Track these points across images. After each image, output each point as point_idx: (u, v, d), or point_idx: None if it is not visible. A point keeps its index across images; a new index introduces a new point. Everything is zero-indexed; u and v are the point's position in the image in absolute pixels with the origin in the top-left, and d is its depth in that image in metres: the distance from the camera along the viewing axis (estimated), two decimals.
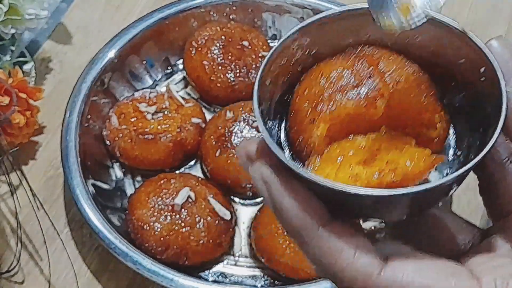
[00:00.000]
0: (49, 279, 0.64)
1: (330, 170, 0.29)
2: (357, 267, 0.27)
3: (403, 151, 0.30)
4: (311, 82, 0.32)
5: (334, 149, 0.30)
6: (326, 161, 0.30)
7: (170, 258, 0.60)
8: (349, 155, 0.30)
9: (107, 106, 0.70)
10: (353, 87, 0.31)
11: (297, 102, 0.32)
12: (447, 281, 0.27)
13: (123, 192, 0.68)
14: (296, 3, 0.75)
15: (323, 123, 0.30)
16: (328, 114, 0.30)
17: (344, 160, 0.30)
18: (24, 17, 0.69)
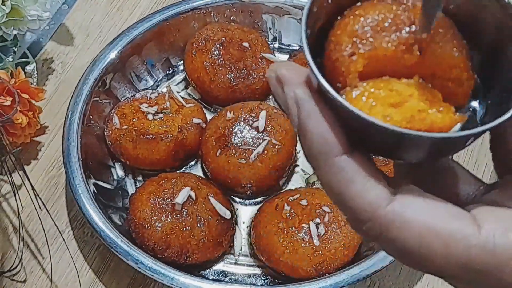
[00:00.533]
0: (50, 277, 0.64)
1: (363, 104, 0.30)
2: (366, 198, 0.28)
3: (433, 103, 0.31)
4: (354, 19, 0.32)
5: (370, 86, 0.31)
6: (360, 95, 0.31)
7: (171, 257, 0.61)
8: (382, 95, 0.31)
9: (109, 107, 0.71)
10: (394, 30, 0.32)
11: (338, 34, 0.32)
12: (449, 223, 0.28)
13: (125, 191, 0.68)
14: (295, 4, 0.75)
15: (362, 59, 0.31)
16: (368, 51, 0.31)
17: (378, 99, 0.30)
18: (26, 18, 0.70)
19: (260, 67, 0.72)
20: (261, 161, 0.64)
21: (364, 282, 0.64)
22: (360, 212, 0.28)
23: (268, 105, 0.69)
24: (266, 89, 0.73)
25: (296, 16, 0.76)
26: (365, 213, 0.28)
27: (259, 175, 0.64)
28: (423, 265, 0.28)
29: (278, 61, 0.74)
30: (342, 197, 0.29)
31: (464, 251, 0.27)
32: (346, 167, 0.29)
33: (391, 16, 0.32)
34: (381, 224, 0.28)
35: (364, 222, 0.28)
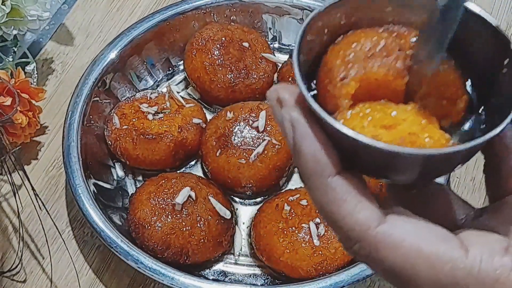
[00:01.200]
0: (50, 278, 0.64)
1: (356, 124, 0.31)
2: (357, 218, 0.29)
3: (426, 129, 0.31)
4: (347, 44, 0.34)
5: (366, 107, 0.32)
6: (353, 117, 0.32)
7: (171, 257, 0.61)
8: (376, 117, 0.32)
9: (109, 107, 0.71)
10: (386, 56, 0.33)
11: (330, 59, 0.34)
12: (437, 246, 0.28)
13: (125, 191, 0.68)
14: (295, 4, 0.75)
15: (354, 82, 0.32)
16: (359, 75, 0.32)
17: (371, 121, 0.32)
18: (26, 18, 0.70)
19: (260, 67, 0.72)
20: (261, 161, 0.64)
21: (364, 282, 0.64)
22: (351, 231, 0.29)
23: (268, 105, 0.69)
24: (266, 89, 0.73)
25: (296, 16, 0.76)
26: (355, 233, 0.29)
27: (259, 175, 0.64)
28: (409, 287, 0.29)
29: (278, 61, 0.74)
30: (334, 217, 0.29)
31: (450, 274, 0.28)
32: (338, 187, 0.29)
33: (383, 42, 0.33)
34: (370, 244, 0.29)
35: (355, 242, 0.29)
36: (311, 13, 0.33)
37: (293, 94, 0.31)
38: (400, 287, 0.29)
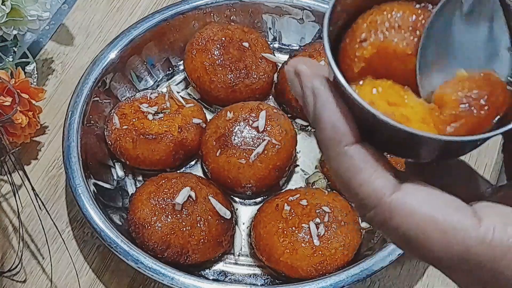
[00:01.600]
0: (50, 278, 0.64)
1: (365, 95, 0.31)
2: (372, 186, 0.29)
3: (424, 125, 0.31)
4: (378, 12, 0.34)
5: (378, 83, 0.32)
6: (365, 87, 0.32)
7: (171, 257, 0.61)
8: (388, 93, 0.32)
9: (109, 107, 0.71)
10: (411, 31, 0.32)
11: (359, 22, 0.33)
12: (450, 214, 0.29)
13: (125, 191, 0.68)
14: (295, 4, 0.75)
15: (371, 46, 0.32)
16: (378, 41, 0.32)
17: (381, 94, 0.32)
18: (26, 18, 0.70)
19: (260, 67, 0.72)
20: (261, 161, 0.64)
21: (364, 282, 0.64)
22: (366, 199, 0.30)
23: (268, 105, 0.69)
24: (266, 89, 0.73)
25: (296, 16, 0.76)
26: (370, 200, 0.29)
27: (259, 175, 0.64)
28: (422, 254, 0.29)
29: (278, 61, 0.74)
30: (350, 184, 0.30)
31: (463, 242, 0.28)
32: (355, 156, 0.30)
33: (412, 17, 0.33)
34: (384, 211, 0.29)
35: (369, 209, 0.30)
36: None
37: (315, 66, 0.32)
38: (413, 254, 0.30)
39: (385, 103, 0.31)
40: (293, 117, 0.72)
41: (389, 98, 0.31)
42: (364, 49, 0.32)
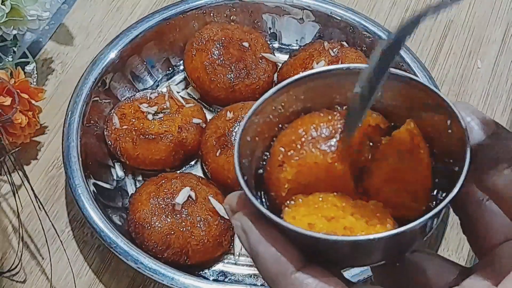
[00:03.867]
0: (50, 278, 0.64)
1: (296, 216, 0.31)
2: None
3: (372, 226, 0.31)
4: (290, 131, 0.33)
5: (309, 200, 0.32)
6: (296, 207, 0.32)
7: (171, 257, 0.61)
8: (323, 209, 0.31)
9: (109, 107, 0.71)
10: (325, 139, 0.32)
11: (274, 146, 0.33)
12: None
13: (124, 191, 0.68)
14: (295, 4, 0.75)
15: (290, 167, 0.32)
16: (296, 160, 0.32)
17: (312, 211, 0.31)
18: (26, 18, 0.70)
19: (260, 67, 0.72)
20: None
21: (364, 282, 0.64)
22: None
23: None
24: (266, 89, 0.73)
25: (296, 16, 0.76)
26: None
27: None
28: None
29: (278, 61, 0.73)
30: None
31: None
32: (303, 282, 0.29)
33: (325, 126, 0.32)
34: None
35: None
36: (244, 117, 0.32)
37: (241, 200, 0.31)
38: None
39: (324, 220, 0.31)
40: None
41: (325, 213, 0.31)
42: (285, 171, 0.32)
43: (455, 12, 0.83)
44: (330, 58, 0.69)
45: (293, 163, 0.32)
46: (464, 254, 0.66)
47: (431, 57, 0.79)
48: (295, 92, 0.34)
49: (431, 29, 0.81)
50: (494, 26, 0.82)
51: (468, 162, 0.29)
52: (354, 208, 0.31)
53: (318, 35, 0.76)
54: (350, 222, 0.31)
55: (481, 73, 0.78)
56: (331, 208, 0.31)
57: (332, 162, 0.32)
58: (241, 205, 0.31)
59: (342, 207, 0.31)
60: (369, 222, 0.31)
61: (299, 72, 0.69)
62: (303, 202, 0.32)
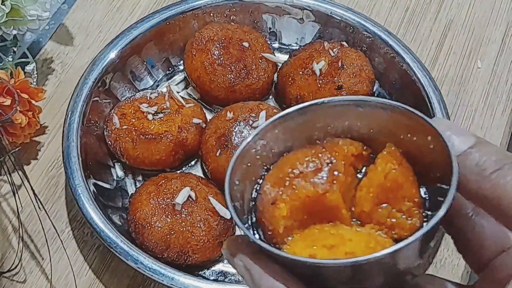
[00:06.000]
0: (50, 278, 0.64)
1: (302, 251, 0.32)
2: None
3: (372, 249, 0.31)
4: (277, 169, 0.34)
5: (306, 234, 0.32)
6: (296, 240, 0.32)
7: (171, 257, 0.61)
8: (318, 237, 0.32)
9: (109, 107, 0.71)
10: (313, 172, 0.33)
11: (263, 187, 0.34)
12: None
13: (124, 191, 0.68)
14: (295, 4, 0.75)
15: (284, 204, 0.32)
16: (288, 195, 0.32)
17: (312, 241, 0.32)
18: (26, 18, 0.70)
19: (260, 67, 0.72)
20: None
21: None
22: None
23: (268, 105, 0.69)
24: (266, 89, 0.73)
25: (296, 16, 0.76)
26: None
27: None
28: None
29: (278, 61, 0.73)
30: None
31: None
32: None
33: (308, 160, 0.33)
34: None
35: None
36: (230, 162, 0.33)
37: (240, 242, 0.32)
38: None
39: (325, 250, 0.31)
40: None
41: (325, 242, 0.31)
42: (279, 209, 0.32)
43: (455, 12, 0.83)
44: (330, 58, 0.69)
45: (285, 199, 0.32)
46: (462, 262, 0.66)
47: (431, 57, 0.79)
48: (275, 132, 0.34)
49: (431, 29, 0.81)
50: (494, 26, 0.82)
51: (457, 171, 0.30)
52: (351, 234, 0.32)
53: (318, 35, 0.76)
54: (350, 247, 0.31)
55: (481, 73, 0.78)
56: (330, 237, 0.32)
57: (324, 193, 0.32)
58: (241, 246, 0.32)
59: (339, 235, 0.32)
60: (369, 245, 0.31)
61: (299, 72, 0.69)
62: (300, 237, 0.32)
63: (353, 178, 0.34)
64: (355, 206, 0.33)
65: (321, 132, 0.35)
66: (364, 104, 0.33)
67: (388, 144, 0.34)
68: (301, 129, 0.35)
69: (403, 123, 0.33)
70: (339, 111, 0.34)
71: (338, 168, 0.33)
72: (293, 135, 0.35)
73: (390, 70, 0.73)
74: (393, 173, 0.32)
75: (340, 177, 0.33)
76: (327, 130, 0.35)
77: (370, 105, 0.33)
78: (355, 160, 0.34)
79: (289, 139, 0.35)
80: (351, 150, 0.34)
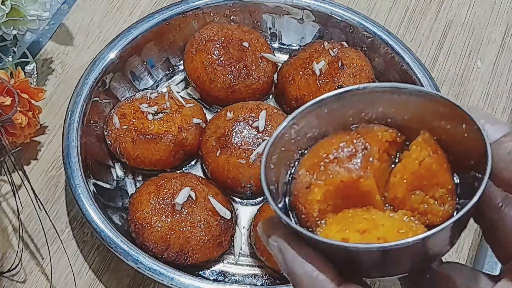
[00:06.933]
0: (50, 278, 0.64)
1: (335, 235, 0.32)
2: None
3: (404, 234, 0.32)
4: (312, 154, 0.35)
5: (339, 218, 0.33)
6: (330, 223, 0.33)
7: (171, 257, 0.61)
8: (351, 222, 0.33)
9: (109, 107, 0.71)
10: (348, 158, 0.33)
11: (298, 170, 0.35)
12: None
13: (124, 191, 0.68)
14: (295, 4, 0.75)
15: (318, 188, 0.33)
16: (323, 180, 0.33)
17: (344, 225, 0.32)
18: (26, 18, 0.70)
19: (260, 67, 0.72)
20: None
21: None
22: None
23: (268, 105, 0.69)
24: (266, 89, 0.73)
25: (296, 16, 0.76)
26: None
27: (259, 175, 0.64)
28: None
29: (278, 61, 0.73)
30: None
31: None
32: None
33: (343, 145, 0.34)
34: None
35: None
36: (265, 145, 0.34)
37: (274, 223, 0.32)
38: None
39: (357, 234, 0.32)
40: None
41: (357, 227, 0.32)
42: (313, 193, 0.33)
43: (455, 12, 0.83)
44: (330, 58, 0.69)
45: (320, 184, 0.33)
46: (464, 254, 0.66)
47: (431, 57, 0.79)
48: (310, 118, 0.35)
49: (431, 29, 0.81)
50: (494, 26, 0.82)
51: (491, 159, 0.30)
52: (384, 219, 0.32)
53: (318, 35, 0.76)
54: (382, 232, 0.31)
55: (481, 73, 0.78)
56: (362, 221, 0.32)
57: (358, 178, 0.33)
58: (276, 227, 0.32)
59: (372, 220, 0.32)
60: (400, 231, 0.31)
61: (299, 72, 0.69)
62: (333, 220, 0.33)
63: (386, 164, 0.34)
64: (389, 192, 0.34)
65: (355, 118, 0.35)
66: (399, 91, 0.33)
67: (422, 131, 0.34)
68: (335, 114, 0.35)
69: (438, 111, 0.33)
70: (374, 97, 0.34)
71: (372, 154, 0.33)
72: (327, 120, 0.35)
73: (390, 70, 0.73)
74: (428, 161, 0.33)
75: (374, 163, 0.33)
76: (361, 116, 0.35)
77: (405, 92, 0.34)
78: (389, 146, 0.35)
79: (323, 124, 0.35)
80: (386, 137, 0.34)
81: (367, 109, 0.35)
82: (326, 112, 0.35)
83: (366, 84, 0.34)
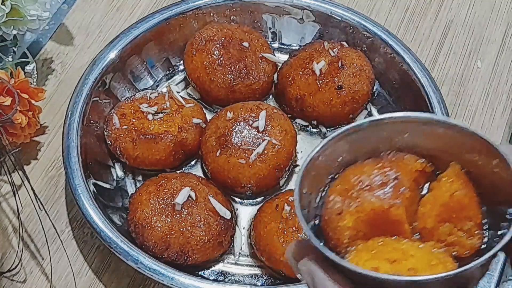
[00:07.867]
0: (50, 278, 0.64)
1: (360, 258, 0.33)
2: None
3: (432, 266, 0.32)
4: (343, 180, 0.35)
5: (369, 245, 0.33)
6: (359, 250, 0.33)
7: (171, 257, 0.61)
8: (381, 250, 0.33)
9: (109, 107, 0.71)
10: (379, 186, 0.34)
11: (329, 197, 0.35)
12: None
13: (124, 191, 0.68)
14: (295, 4, 0.75)
15: (349, 215, 0.34)
16: (354, 208, 0.34)
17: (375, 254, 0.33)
18: (26, 18, 0.70)
19: (260, 67, 0.72)
20: (261, 161, 0.64)
21: None
22: None
23: (268, 105, 0.69)
24: (266, 89, 0.73)
25: (296, 16, 0.76)
26: None
27: (259, 175, 0.64)
28: None
29: (278, 61, 0.73)
30: None
31: None
32: None
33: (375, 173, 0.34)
34: None
35: None
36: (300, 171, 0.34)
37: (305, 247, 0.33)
38: None
39: (387, 263, 0.32)
40: (293, 117, 0.72)
41: (387, 256, 0.32)
42: (344, 219, 0.33)
43: (455, 12, 0.83)
44: (330, 58, 0.69)
45: (351, 211, 0.33)
46: None
47: (431, 57, 0.79)
48: (341, 143, 0.35)
49: (431, 29, 0.81)
50: (494, 26, 0.82)
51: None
52: (414, 250, 0.33)
53: (318, 35, 0.76)
54: (412, 263, 0.32)
55: (481, 73, 0.78)
56: (392, 251, 0.33)
57: (389, 207, 0.33)
58: (306, 252, 0.33)
59: (402, 250, 0.33)
60: (430, 263, 0.32)
61: (299, 72, 0.69)
62: (363, 247, 0.33)
63: (415, 193, 0.35)
64: (418, 221, 0.34)
65: (386, 145, 0.36)
66: (430, 122, 0.34)
67: (452, 163, 0.35)
68: (366, 141, 0.36)
69: (469, 144, 0.34)
70: (406, 126, 0.35)
71: (403, 184, 0.34)
72: (358, 146, 0.36)
73: (390, 70, 0.73)
74: (459, 194, 0.33)
75: (405, 193, 0.34)
76: (391, 143, 0.36)
77: (437, 124, 0.34)
78: (419, 176, 0.35)
79: (354, 150, 0.36)
80: (416, 166, 0.35)
81: (397, 137, 0.36)
82: (358, 138, 0.35)
83: (400, 114, 0.35)
